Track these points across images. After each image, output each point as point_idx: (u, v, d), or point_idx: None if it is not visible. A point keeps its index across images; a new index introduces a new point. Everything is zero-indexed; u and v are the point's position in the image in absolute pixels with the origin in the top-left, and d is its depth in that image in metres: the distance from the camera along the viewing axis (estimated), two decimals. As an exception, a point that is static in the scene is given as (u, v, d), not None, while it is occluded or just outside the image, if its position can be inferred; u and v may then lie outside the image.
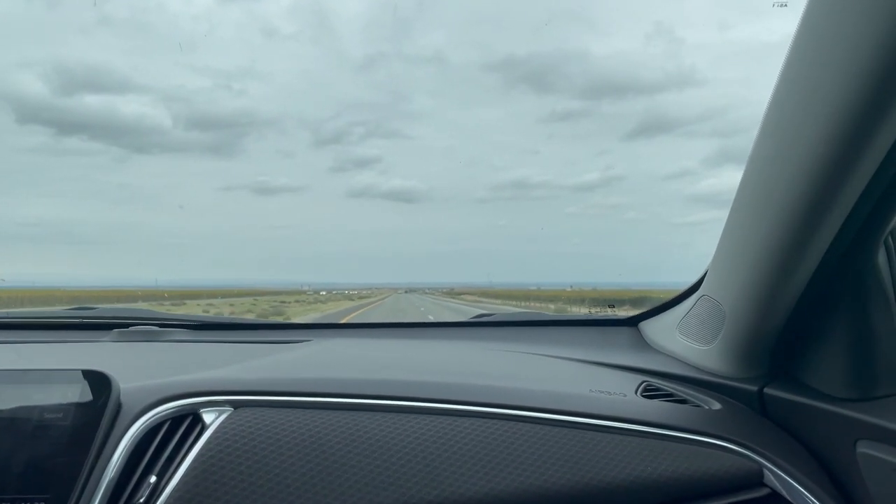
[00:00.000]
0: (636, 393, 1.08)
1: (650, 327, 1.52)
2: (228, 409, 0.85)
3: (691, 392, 1.12)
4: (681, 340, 1.28)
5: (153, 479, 0.76)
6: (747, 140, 0.88)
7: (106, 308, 1.71)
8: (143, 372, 0.96)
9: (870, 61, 0.65)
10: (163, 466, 0.77)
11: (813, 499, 0.87)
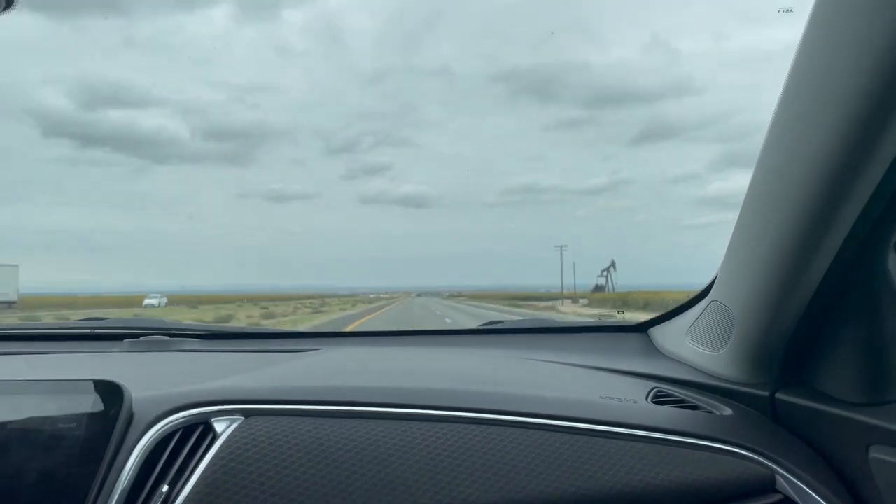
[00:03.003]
0: (646, 399, 1.08)
1: (660, 333, 1.51)
2: (239, 418, 0.85)
3: (702, 398, 1.11)
4: (691, 346, 1.27)
5: (165, 488, 0.76)
6: (751, 144, 0.88)
7: (116, 318, 1.72)
8: (154, 381, 0.96)
9: (877, 63, 0.65)
10: (175, 475, 0.78)
11: None
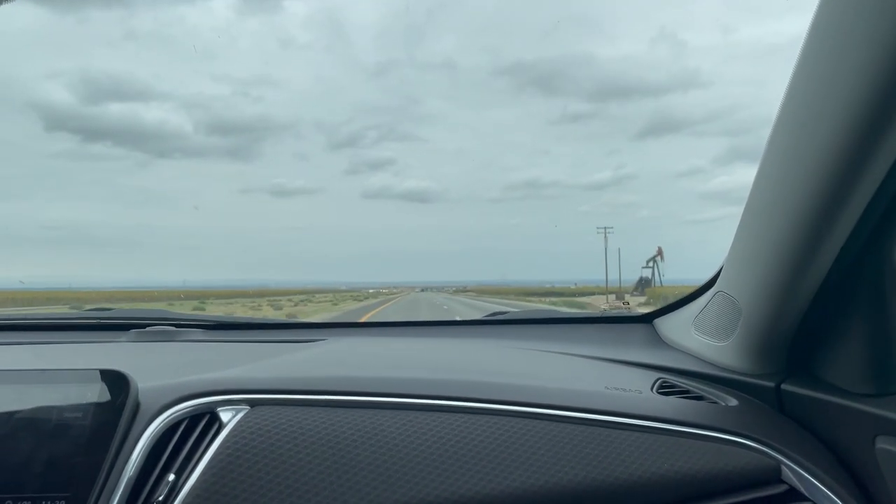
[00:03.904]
0: (652, 390, 1.08)
1: (665, 324, 1.51)
2: (245, 408, 0.85)
3: (707, 389, 1.11)
4: (696, 337, 1.27)
5: (171, 477, 0.77)
6: (756, 139, 0.88)
7: (123, 309, 1.73)
8: (160, 371, 0.97)
9: (885, 54, 0.64)
10: (181, 465, 0.78)
11: (831, 495, 0.86)
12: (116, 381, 0.83)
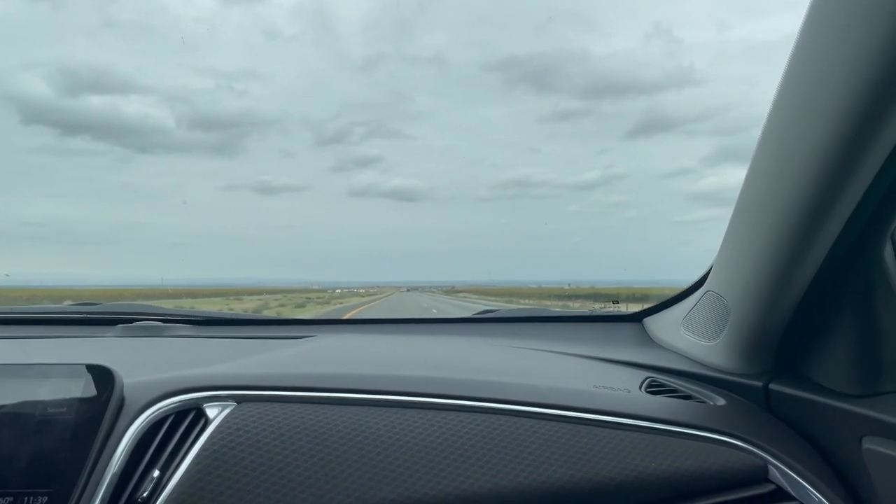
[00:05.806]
0: (640, 389, 1.08)
1: (654, 323, 1.51)
2: (232, 404, 0.84)
3: (696, 388, 1.11)
4: (685, 336, 1.27)
5: (156, 473, 0.76)
6: (746, 139, 0.88)
7: (109, 303, 1.72)
8: (146, 367, 0.96)
9: (876, 56, 0.64)
10: (166, 461, 0.77)
11: (818, 495, 0.86)
12: (102, 375, 0.82)
